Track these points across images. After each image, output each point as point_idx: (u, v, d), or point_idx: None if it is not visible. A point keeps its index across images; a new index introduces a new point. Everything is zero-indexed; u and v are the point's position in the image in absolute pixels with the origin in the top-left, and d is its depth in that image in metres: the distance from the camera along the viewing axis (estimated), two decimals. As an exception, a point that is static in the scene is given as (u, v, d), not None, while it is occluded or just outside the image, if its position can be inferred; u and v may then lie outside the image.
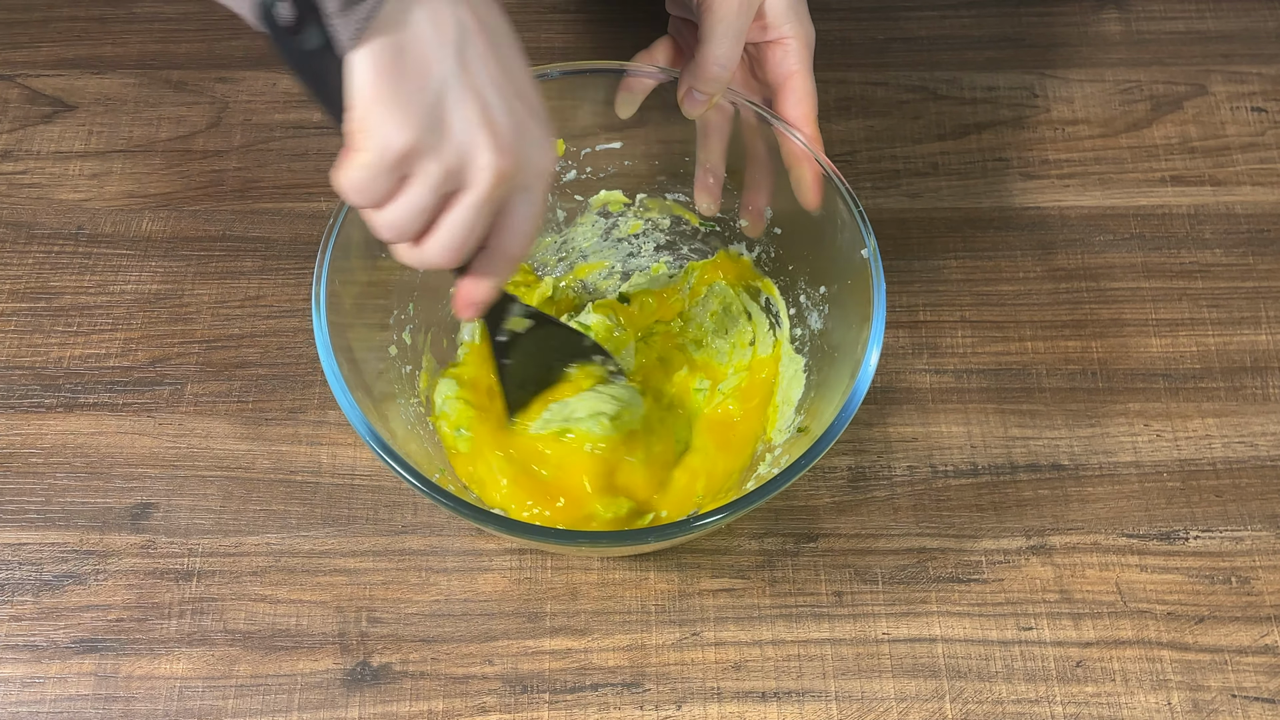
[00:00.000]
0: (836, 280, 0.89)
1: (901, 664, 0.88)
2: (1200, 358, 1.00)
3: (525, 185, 0.70)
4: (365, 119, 0.64)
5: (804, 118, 0.89)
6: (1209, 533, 0.93)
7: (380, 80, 0.63)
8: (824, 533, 0.93)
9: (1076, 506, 0.94)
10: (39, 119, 1.12)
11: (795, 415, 0.91)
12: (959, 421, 0.97)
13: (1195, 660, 0.88)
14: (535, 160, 0.69)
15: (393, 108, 0.63)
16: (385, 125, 0.64)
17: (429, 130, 0.64)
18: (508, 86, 0.67)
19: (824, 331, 0.91)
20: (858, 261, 0.85)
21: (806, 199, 0.88)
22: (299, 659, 0.88)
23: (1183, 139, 1.12)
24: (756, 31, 0.88)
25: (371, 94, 0.63)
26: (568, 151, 0.96)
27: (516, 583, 0.91)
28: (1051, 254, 1.05)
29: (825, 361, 0.90)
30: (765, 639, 0.89)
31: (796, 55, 0.89)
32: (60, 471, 0.95)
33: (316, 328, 0.79)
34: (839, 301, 0.89)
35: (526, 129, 0.68)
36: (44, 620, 0.89)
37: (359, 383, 0.81)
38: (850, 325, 0.86)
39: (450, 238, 0.69)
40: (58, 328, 1.01)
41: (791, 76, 0.89)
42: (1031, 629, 0.89)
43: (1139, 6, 1.20)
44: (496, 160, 0.66)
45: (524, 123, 0.68)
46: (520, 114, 0.68)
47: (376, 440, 0.77)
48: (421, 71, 0.63)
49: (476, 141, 0.66)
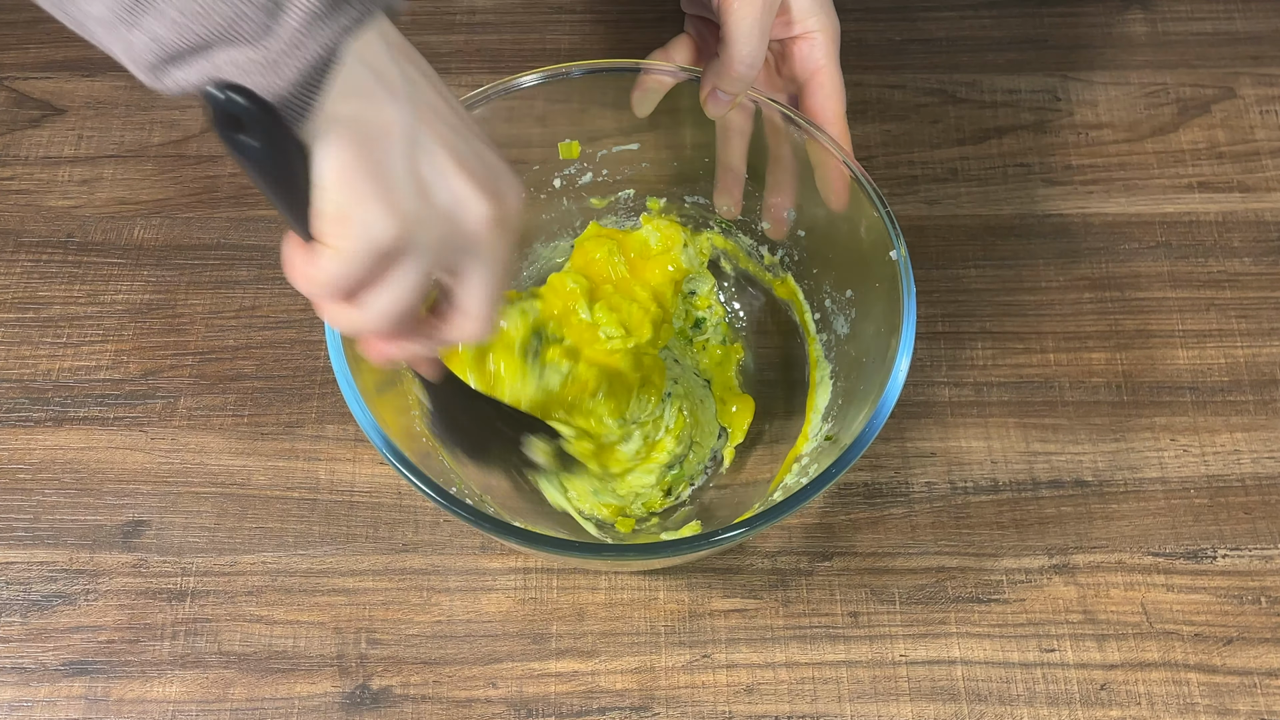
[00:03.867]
0: (863, 284, 0.90)
1: (919, 687, 0.89)
2: (1229, 370, 1.01)
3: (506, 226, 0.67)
4: (345, 209, 0.60)
5: (832, 114, 0.90)
6: (1238, 551, 0.94)
7: (352, 161, 0.60)
8: (839, 551, 0.94)
9: (1100, 524, 0.95)
10: (27, 123, 1.13)
11: (823, 424, 0.91)
12: (979, 436, 0.98)
13: (1224, 683, 0.89)
14: (509, 193, 0.67)
15: (373, 190, 0.60)
16: (368, 212, 0.60)
17: (412, 204, 0.62)
18: (461, 125, 0.65)
19: (851, 337, 0.92)
20: (886, 264, 0.86)
21: (833, 200, 0.89)
22: (296, 682, 0.89)
23: (1210, 144, 1.13)
24: (780, 27, 0.89)
25: (346, 177, 0.60)
26: (584, 153, 0.96)
27: (521, 603, 0.92)
28: (1075, 263, 1.06)
29: (853, 368, 0.91)
30: (778, 661, 0.90)
31: (823, 49, 0.89)
32: (49, 488, 0.96)
33: (330, 339, 0.80)
34: (866, 306, 0.90)
35: (492, 165, 0.66)
36: (32, 642, 0.90)
37: (373, 395, 0.82)
38: (879, 331, 0.87)
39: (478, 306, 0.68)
40: (46, 339, 1.02)
41: (818, 72, 0.89)
42: (1054, 651, 0.90)
43: (1165, 7, 1.21)
44: (485, 204, 0.64)
45: (487, 158, 0.66)
46: (488, 158, 0.66)
47: (394, 453, 0.78)
48: (386, 140, 0.61)
49: (460, 196, 0.64)
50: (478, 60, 1.16)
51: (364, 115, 0.60)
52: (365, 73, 0.60)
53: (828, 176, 0.89)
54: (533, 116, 0.93)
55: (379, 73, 0.60)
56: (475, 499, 0.87)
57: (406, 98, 0.61)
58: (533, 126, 0.94)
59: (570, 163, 0.97)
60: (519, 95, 0.90)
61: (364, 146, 0.60)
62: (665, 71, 0.91)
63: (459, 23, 1.18)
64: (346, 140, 0.59)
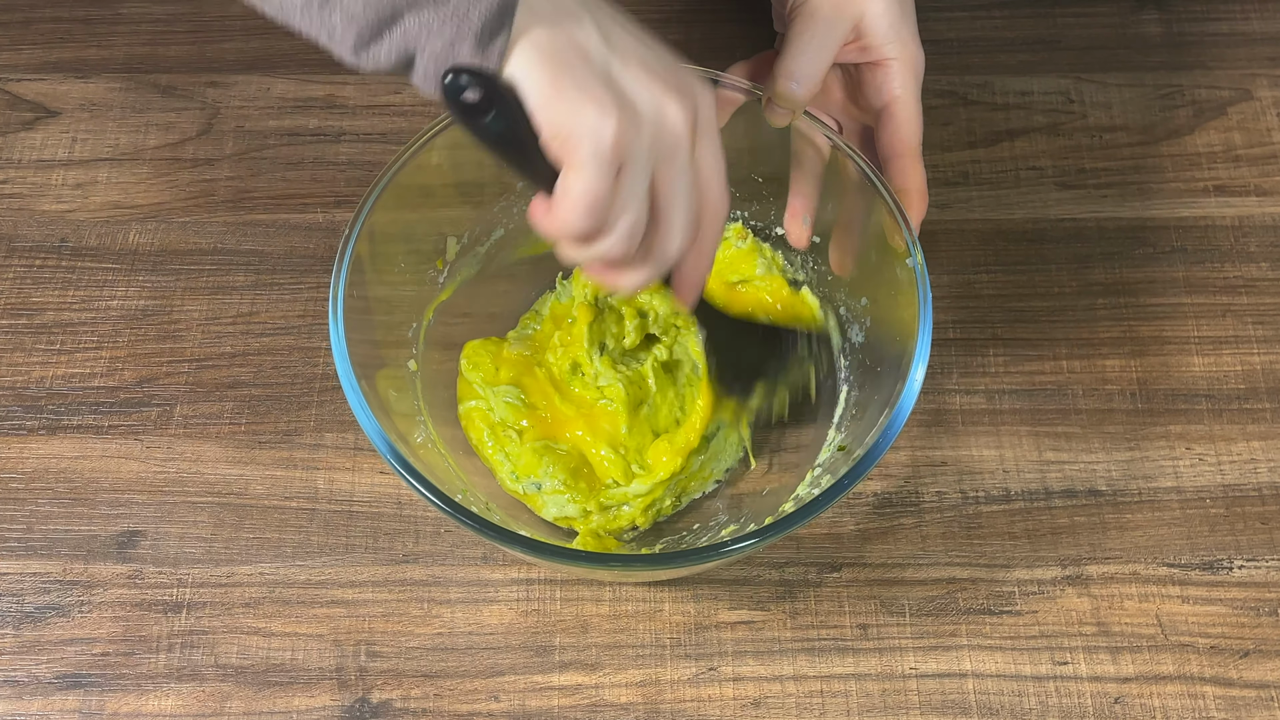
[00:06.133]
0: (878, 292, 0.91)
1: (930, 700, 0.89)
2: (1245, 377, 1.02)
3: (703, 130, 0.71)
4: (564, 124, 0.65)
5: (901, 147, 0.88)
6: (1254, 562, 0.94)
7: (555, 79, 0.65)
8: (848, 562, 0.94)
9: (1115, 534, 0.95)
10: (20, 126, 1.13)
11: (835, 433, 0.92)
12: (990, 445, 0.99)
13: (1240, 697, 0.89)
14: (702, 97, 0.70)
15: (582, 97, 0.65)
16: (586, 116, 0.65)
17: (620, 106, 0.66)
18: (642, 38, 0.69)
19: (865, 345, 0.93)
20: (901, 273, 0.86)
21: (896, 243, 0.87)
22: (294, 695, 0.89)
23: (1227, 147, 1.13)
24: (855, 53, 0.88)
25: (554, 93, 0.65)
26: None
27: (524, 614, 0.92)
28: (1088, 268, 1.06)
29: (867, 376, 0.91)
30: (786, 674, 0.90)
31: (899, 79, 0.87)
32: (42, 497, 0.96)
33: (335, 346, 0.81)
34: (881, 315, 0.91)
35: (680, 71, 0.70)
36: (25, 654, 0.90)
37: (378, 403, 0.83)
38: (893, 339, 0.87)
39: (682, 216, 0.71)
40: (40, 346, 1.02)
41: (893, 102, 0.88)
42: (1067, 663, 0.90)
43: (1180, 7, 1.21)
44: (683, 108, 0.68)
45: (675, 66, 0.70)
46: (672, 65, 0.70)
47: (401, 461, 0.79)
48: (581, 55, 0.65)
49: (658, 100, 0.67)
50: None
51: (555, 40, 0.65)
52: (543, 3, 0.65)
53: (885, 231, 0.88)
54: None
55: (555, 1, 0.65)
56: (480, 507, 0.88)
57: (589, 18, 0.66)
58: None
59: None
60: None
61: (563, 66, 0.65)
62: (738, 87, 0.91)
63: (460, 23, 1.18)
64: (546, 64, 0.65)
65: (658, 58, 0.69)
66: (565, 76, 0.65)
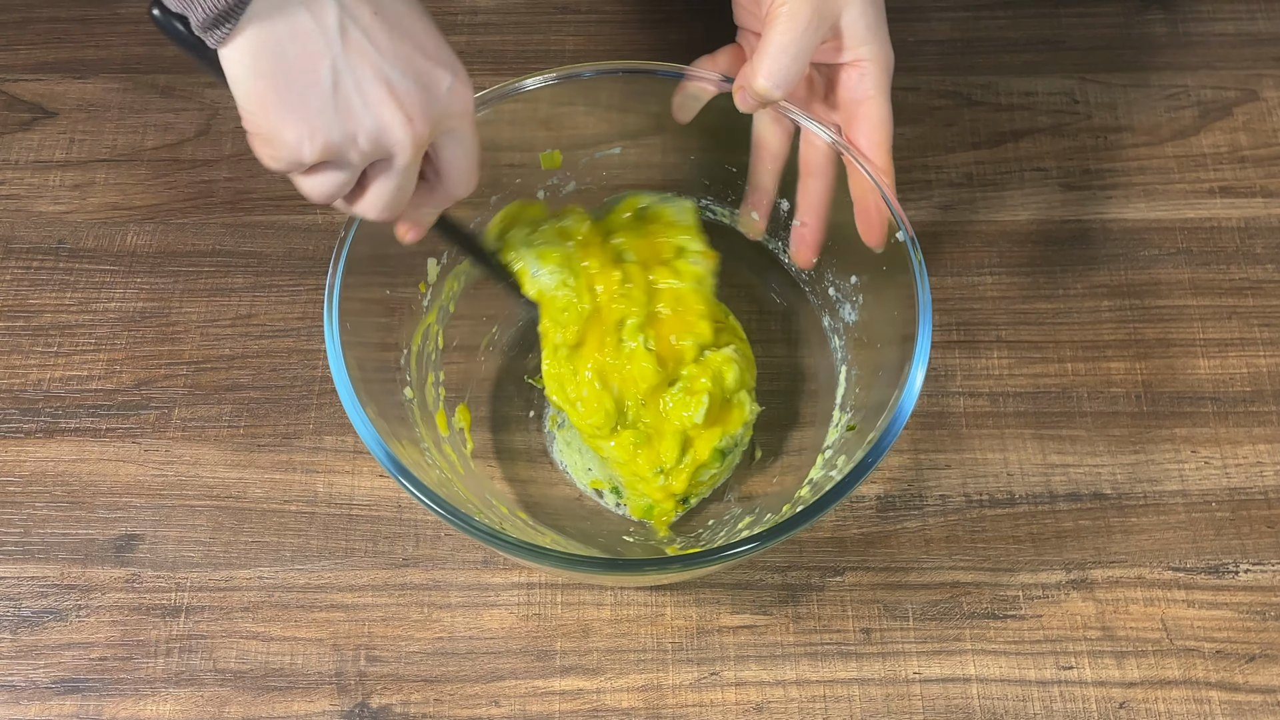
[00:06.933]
0: (868, 269, 0.91)
1: (933, 705, 0.89)
2: (1251, 380, 1.02)
3: (447, 129, 0.75)
4: (265, 127, 0.68)
5: (876, 145, 0.89)
6: (1260, 566, 0.94)
7: (264, 93, 0.67)
8: (851, 566, 0.94)
9: (1119, 538, 0.95)
10: (17, 126, 1.13)
11: (841, 414, 0.92)
12: (995, 448, 0.99)
13: (1245, 701, 0.89)
14: (451, 106, 0.73)
15: (289, 114, 0.68)
16: (288, 133, 0.68)
17: (335, 124, 0.69)
18: (402, 46, 0.70)
19: (860, 324, 0.93)
20: (891, 247, 0.86)
21: (870, 237, 0.89)
22: (293, 700, 0.89)
23: (1232, 147, 1.13)
24: (831, 52, 0.88)
25: (259, 108, 0.68)
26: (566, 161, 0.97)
27: (524, 619, 0.92)
28: (1093, 270, 1.07)
29: (867, 354, 0.92)
30: (789, 679, 0.90)
31: (873, 79, 0.89)
32: (40, 501, 0.96)
33: (330, 350, 0.81)
34: (874, 291, 0.91)
35: (432, 81, 0.72)
36: (22, 659, 0.91)
37: (376, 411, 0.83)
38: (890, 316, 0.87)
39: (381, 200, 0.75)
40: (37, 348, 1.02)
41: (866, 101, 0.89)
42: (1072, 668, 0.90)
43: (1185, 7, 1.22)
44: (410, 130, 0.71)
45: (428, 77, 0.71)
46: (421, 68, 0.71)
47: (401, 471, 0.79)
48: (309, 67, 0.67)
49: (385, 119, 0.70)
50: (480, 62, 1.16)
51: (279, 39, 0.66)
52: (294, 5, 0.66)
53: (867, 210, 0.89)
54: (537, 120, 0.93)
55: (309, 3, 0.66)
56: (479, 511, 0.87)
57: (335, 27, 0.67)
58: (537, 130, 0.94)
59: (553, 173, 0.97)
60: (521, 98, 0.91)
61: (278, 77, 0.67)
62: (709, 79, 0.91)
63: (461, 23, 1.19)
64: (261, 72, 0.66)
65: (404, 70, 0.70)
66: (278, 83, 0.67)
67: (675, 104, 0.92)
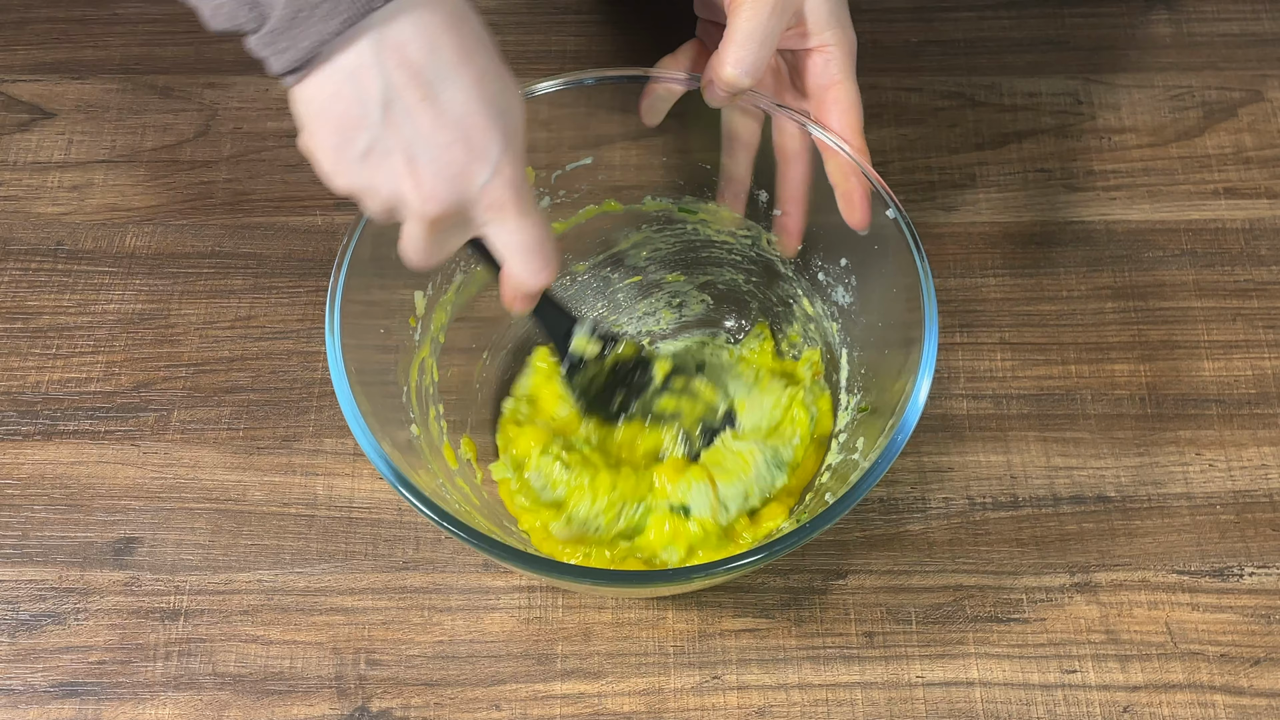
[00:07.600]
0: (858, 250, 0.91)
1: (936, 709, 0.89)
2: (1256, 382, 1.02)
3: (482, 220, 0.76)
4: (309, 147, 0.73)
5: (849, 129, 0.90)
6: (1265, 569, 0.94)
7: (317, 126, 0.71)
8: (854, 569, 0.94)
9: (1124, 541, 0.95)
10: (15, 127, 1.13)
11: (849, 396, 0.92)
12: (998, 450, 0.99)
13: (1250, 705, 0.89)
14: (483, 199, 0.74)
15: (329, 152, 0.72)
16: (323, 163, 0.73)
17: (359, 177, 0.73)
18: (442, 135, 0.71)
19: (856, 305, 0.93)
20: (882, 226, 0.87)
21: (855, 217, 0.89)
22: (293, 704, 0.89)
23: (1237, 148, 1.13)
24: (795, 39, 0.89)
25: (311, 131, 0.72)
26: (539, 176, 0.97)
27: (525, 622, 0.92)
28: (1097, 271, 1.07)
29: (868, 334, 0.92)
30: (791, 682, 0.90)
31: (839, 64, 0.90)
32: (38, 504, 0.96)
33: (330, 352, 0.81)
34: (867, 272, 0.91)
35: (464, 173, 0.72)
36: (20, 662, 0.90)
37: (377, 419, 0.82)
38: (888, 295, 0.88)
39: (408, 248, 0.77)
40: (35, 350, 1.02)
41: (834, 86, 0.90)
42: (1075, 672, 0.90)
43: (1190, 7, 1.22)
44: (421, 207, 0.73)
45: (460, 168, 0.72)
46: (456, 159, 0.72)
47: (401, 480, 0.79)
48: (349, 128, 0.70)
49: (401, 192, 0.72)
50: (480, 62, 1.16)
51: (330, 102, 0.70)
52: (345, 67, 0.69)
53: (849, 191, 0.89)
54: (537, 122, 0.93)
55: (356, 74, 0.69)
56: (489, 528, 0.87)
57: (379, 102, 0.69)
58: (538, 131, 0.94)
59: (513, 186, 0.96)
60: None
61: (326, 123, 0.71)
62: (675, 79, 0.92)
63: (461, 24, 1.19)
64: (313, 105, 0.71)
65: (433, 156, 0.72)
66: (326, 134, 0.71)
67: (643, 107, 0.93)
